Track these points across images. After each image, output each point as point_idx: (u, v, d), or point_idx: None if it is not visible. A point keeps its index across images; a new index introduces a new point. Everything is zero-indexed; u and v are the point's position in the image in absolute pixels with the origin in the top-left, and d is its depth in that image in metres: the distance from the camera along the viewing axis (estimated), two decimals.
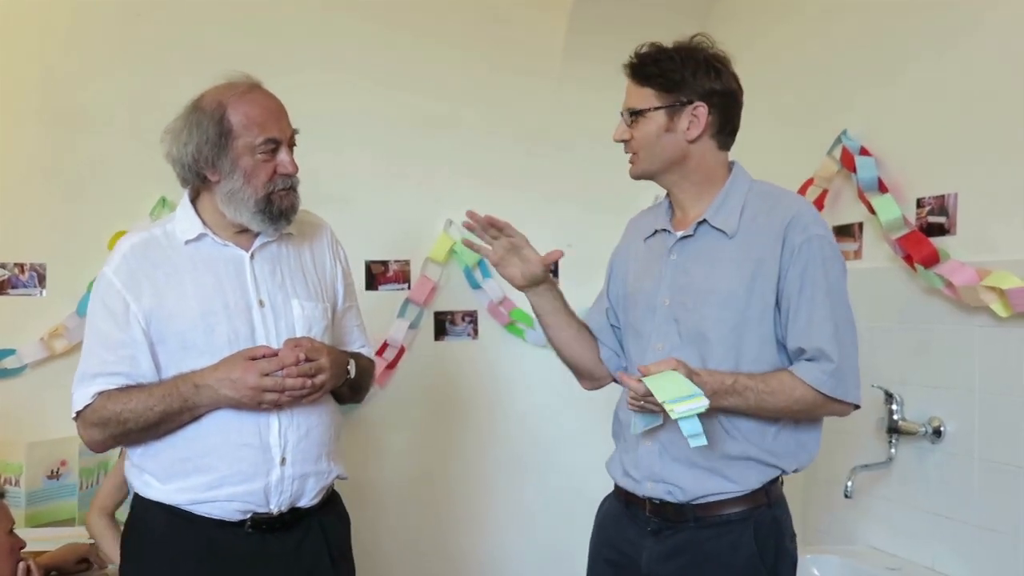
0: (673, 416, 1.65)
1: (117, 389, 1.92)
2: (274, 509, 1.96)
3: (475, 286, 3.45)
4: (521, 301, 3.46)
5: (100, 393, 1.93)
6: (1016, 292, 2.09)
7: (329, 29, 3.30)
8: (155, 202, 3.11)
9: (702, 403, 1.64)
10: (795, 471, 1.92)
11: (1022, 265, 2.11)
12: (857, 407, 1.86)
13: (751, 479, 1.87)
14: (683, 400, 1.64)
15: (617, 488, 2.05)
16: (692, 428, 1.65)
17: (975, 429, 2.26)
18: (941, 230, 2.36)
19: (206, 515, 1.94)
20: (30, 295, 3.10)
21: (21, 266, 3.09)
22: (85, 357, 1.98)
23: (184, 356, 1.93)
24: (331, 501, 2.11)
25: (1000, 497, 2.19)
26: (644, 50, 1.94)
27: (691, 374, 1.74)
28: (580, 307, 2.24)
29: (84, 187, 3.13)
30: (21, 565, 2.19)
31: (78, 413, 1.96)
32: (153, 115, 3.15)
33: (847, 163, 2.62)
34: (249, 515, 1.95)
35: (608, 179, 3.37)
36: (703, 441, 1.66)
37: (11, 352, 3.04)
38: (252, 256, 2.02)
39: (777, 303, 1.84)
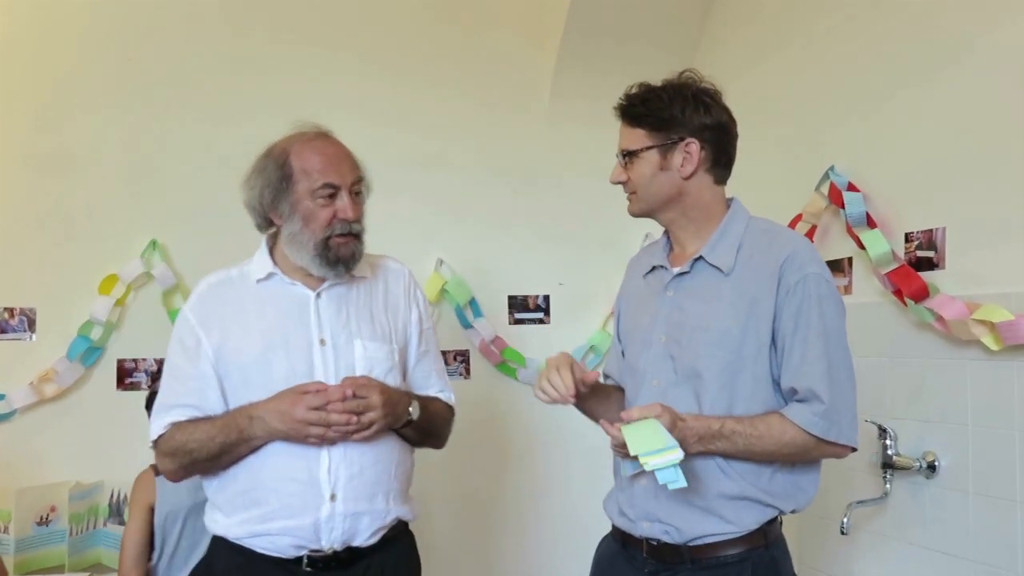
0: (647, 468, 1.65)
1: (187, 420, 2.00)
2: (326, 546, 1.98)
3: (466, 325, 3.44)
4: (513, 340, 3.46)
5: (172, 424, 2.00)
6: (1006, 325, 2.09)
7: (319, 69, 3.32)
8: (145, 245, 3.12)
9: (676, 455, 1.64)
10: (793, 511, 1.90)
11: (1011, 298, 2.12)
12: (854, 449, 1.84)
13: (748, 520, 1.85)
14: (657, 453, 1.65)
15: (614, 528, 2.03)
16: (667, 476, 1.66)
17: (969, 463, 2.26)
18: (930, 264, 2.37)
19: (263, 551, 1.98)
20: (20, 339, 3.09)
21: (11, 310, 3.08)
22: (162, 389, 2.07)
23: (245, 390, 2.00)
24: (393, 542, 2.11)
25: (996, 531, 2.18)
26: (633, 91, 1.95)
27: (676, 420, 1.74)
28: (571, 345, 2.24)
29: (74, 231, 3.13)
30: None
31: (154, 442, 2.03)
32: (143, 159, 3.21)
33: (835, 199, 2.64)
34: (304, 552, 1.97)
35: (597, 216, 3.41)
36: (682, 484, 1.66)
37: (0, 397, 3.02)
38: (319, 295, 2.07)
39: (773, 342, 1.84)
